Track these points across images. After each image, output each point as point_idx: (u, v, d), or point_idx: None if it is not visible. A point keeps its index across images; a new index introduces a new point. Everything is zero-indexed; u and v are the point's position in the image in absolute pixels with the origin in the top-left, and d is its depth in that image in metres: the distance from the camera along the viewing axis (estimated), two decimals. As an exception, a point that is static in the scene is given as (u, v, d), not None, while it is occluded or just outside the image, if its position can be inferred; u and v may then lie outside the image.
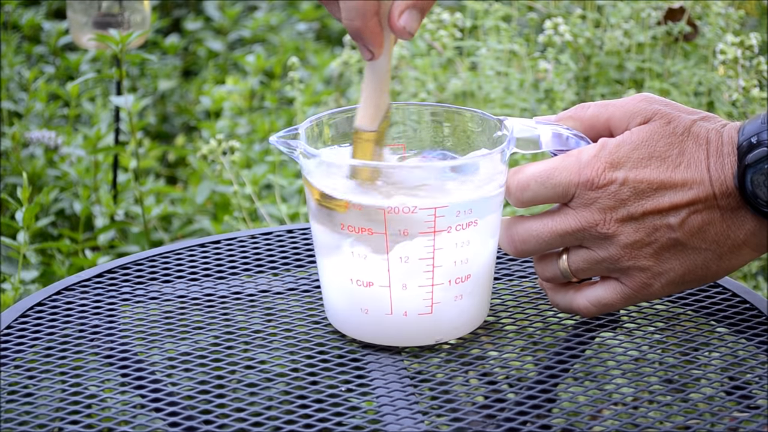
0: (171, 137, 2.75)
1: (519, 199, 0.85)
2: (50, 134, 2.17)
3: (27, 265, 1.79)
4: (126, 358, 0.84)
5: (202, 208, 2.16)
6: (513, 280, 0.96)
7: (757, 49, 1.61)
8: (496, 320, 0.89)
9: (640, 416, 0.76)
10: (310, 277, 0.97)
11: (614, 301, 0.85)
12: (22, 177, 1.36)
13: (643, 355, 0.84)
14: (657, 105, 0.84)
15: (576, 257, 0.85)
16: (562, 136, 0.86)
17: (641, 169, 0.82)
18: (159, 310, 0.91)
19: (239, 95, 2.50)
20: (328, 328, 0.88)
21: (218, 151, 1.71)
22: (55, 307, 0.91)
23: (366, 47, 0.83)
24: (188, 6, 3.24)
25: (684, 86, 1.84)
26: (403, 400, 0.78)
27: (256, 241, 1.04)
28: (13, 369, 0.82)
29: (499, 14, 1.95)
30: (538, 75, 1.90)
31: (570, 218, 0.83)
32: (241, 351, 0.84)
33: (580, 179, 0.83)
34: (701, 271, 0.84)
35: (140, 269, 0.98)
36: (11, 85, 2.48)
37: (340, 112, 0.89)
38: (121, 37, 1.70)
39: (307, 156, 0.83)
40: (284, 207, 1.89)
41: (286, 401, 0.78)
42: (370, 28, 0.82)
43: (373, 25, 0.82)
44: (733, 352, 0.84)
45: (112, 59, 2.12)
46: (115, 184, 2.01)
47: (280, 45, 2.94)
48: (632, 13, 1.91)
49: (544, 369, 0.82)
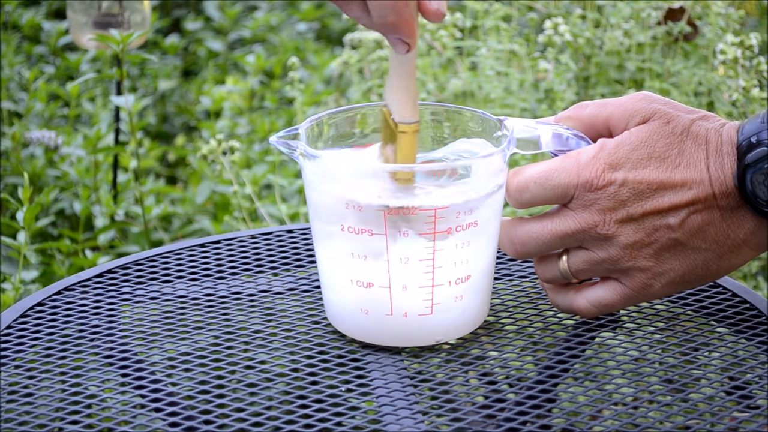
0: (171, 137, 2.75)
1: (518, 201, 0.85)
2: (50, 134, 2.17)
3: (27, 265, 1.79)
4: (126, 358, 0.84)
5: (202, 208, 2.16)
6: (513, 280, 0.96)
7: (757, 49, 1.61)
8: (496, 320, 0.89)
9: (640, 416, 0.76)
10: (310, 277, 0.97)
11: (614, 302, 0.85)
12: (23, 177, 1.36)
13: (643, 355, 0.84)
14: (656, 104, 0.84)
15: (576, 258, 0.85)
16: (562, 137, 0.86)
17: (640, 169, 0.82)
18: (159, 310, 0.91)
19: (239, 95, 2.50)
20: (328, 328, 0.88)
21: (218, 151, 1.71)
22: (55, 307, 0.91)
23: (402, 40, 0.82)
24: (188, 6, 3.24)
25: (684, 86, 1.84)
26: (403, 400, 0.78)
27: (256, 241, 1.04)
28: (13, 369, 0.82)
29: (499, 14, 1.95)
30: (538, 75, 1.90)
31: (569, 219, 0.83)
32: (241, 351, 0.84)
33: (579, 180, 0.83)
34: (701, 270, 0.84)
35: (140, 269, 0.98)
36: (11, 85, 2.48)
37: (340, 112, 0.89)
38: (122, 37, 1.70)
39: (307, 156, 0.83)
40: (284, 207, 1.89)
41: (286, 401, 0.78)
42: (405, 19, 0.81)
43: (407, 16, 0.81)
44: (733, 352, 0.84)
45: (112, 59, 2.12)
46: (115, 184, 2.01)
47: (280, 45, 2.94)
48: (632, 13, 1.91)
49: (544, 369, 0.82)
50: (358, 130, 0.89)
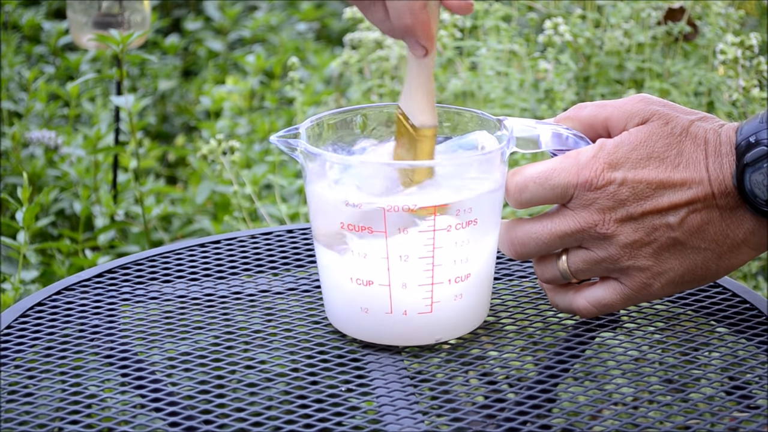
0: (171, 137, 2.75)
1: (517, 201, 0.85)
2: (50, 134, 2.17)
3: (27, 265, 1.79)
4: (126, 358, 0.84)
5: (202, 208, 2.16)
6: (513, 280, 0.96)
7: (757, 49, 1.61)
8: (496, 320, 0.89)
9: (640, 416, 0.76)
10: (310, 277, 0.97)
11: (614, 302, 0.85)
12: (23, 177, 1.36)
13: (643, 355, 0.84)
14: (655, 106, 0.84)
15: (575, 258, 0.85)
16: (562, 136, 0.86)
17: (640, 169, 0.82)
18: (159, 310, 0.91)
19: (239, 95, 2.50)
20: (328, 328, 0.88)
21: (218, 151, 1.71)
22: (55, 307, 0.91)
23: (419, 43, 0.82)
24: (188, 6, 3.24)
25: (684, 86, 1.84)
26: (403, 400, 0.78)
27: (256, 241, 1.04)
28: (13, 369, 0.82)
29: (499, 14, 1.95)
30: (538, 75, 1.90)
31: (569, 219, 0.83)
32: (241, 351, 0.84)
33: (579, 180, 0.83)
34: (701, 270, 0.84)
35: (140, 269, 0.98)
36: (11, 85, 2.48)
37: (341, 113, 0.89)
38: (122, 37, 1.70)
39: (307, 155, 0.83)
40: (284, 207, 1.89)
41: (286, 401, 0.78)
42: (421, 22, 0.81)
43: (423, 18, 0.81)
44: (733, 352, 0.84)
45: (112, 59, 2.12)
46: (115, 184, 2.02)
47: (280, 45, 2.94)
48: (632, 13, 1.91)
49: (544, 369, 0.82)
50: (359, 130, 0.90)
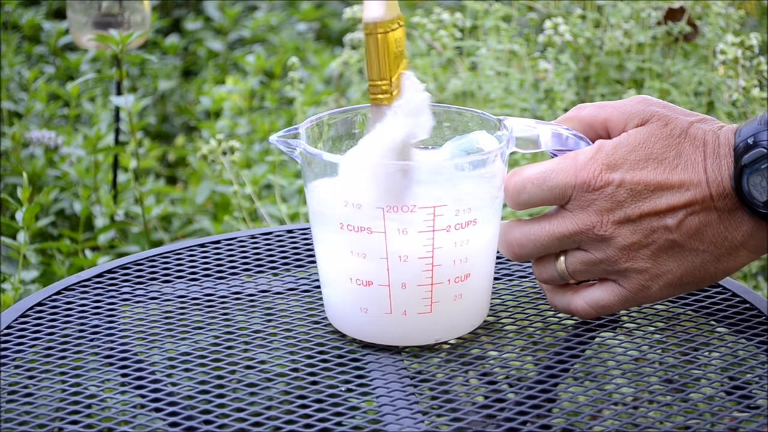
0: (171, 137, 2.75)
1: (516, 202, 0.85)
2: (50, 134, 2.17)
3: (27, 265, 1.79)
4: (126, 358, 0.84)
5: (202, 208, 2.16)
6: (513, 280, 0.96)
7: (757, 49, 1.61)
8: (496, 320, 0.89)
9: (640, 416, 0.76)
10: (310, 277, 0.97)
11: (612, 303, 0.85)
12: (22, 177, 1.36)
13: (643, 355, 0.84)
14: (654, 107, 0.84)
15: (573, 259, 0.85)
16: (562, 136, 0.86)
17: (638, 170, 0.82)
18: (159, 310, 0.91)
19: (239, 95, 2.50)
20: (328, 328, 0.88)
21: (218, 151, 1.71)
22: (55, 307, 0.91)
23: None
24: (188, 6, 3.24)
25: (684, 86, 1.84)
26: (403, 400, 0.78)
27: (256, 241, 1.04)
28: (13, 369, 0.82)
29: (499, 14, 1.95)
30: (538, 75, 1.90)
31: (567, 221, 0.83)
32: (241, 351, 0.84)
33: (577, 181, 0.83)
34: (699, 272, 0.84)
35: (140, 269, 0.98)
36: (11, 85, 2.48)
37: (341, 113, 0.89)
38: (121, 37, 1.71)
39: (307, 155, 0.83)
40: (284, 207, 1.89)
41: (286, 401, 0.78)
42: None
43: None
44: (733, 352, 0.84)
45: (112, 59, 2.12)
46: (115, 184, 2.02)
47: (280, 45, 2.94)
48: (632, 13, 1.91)
49: (544, 369, 0.82)
50: (359, 130, 0.90)
